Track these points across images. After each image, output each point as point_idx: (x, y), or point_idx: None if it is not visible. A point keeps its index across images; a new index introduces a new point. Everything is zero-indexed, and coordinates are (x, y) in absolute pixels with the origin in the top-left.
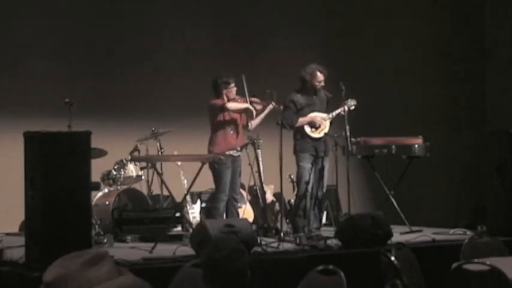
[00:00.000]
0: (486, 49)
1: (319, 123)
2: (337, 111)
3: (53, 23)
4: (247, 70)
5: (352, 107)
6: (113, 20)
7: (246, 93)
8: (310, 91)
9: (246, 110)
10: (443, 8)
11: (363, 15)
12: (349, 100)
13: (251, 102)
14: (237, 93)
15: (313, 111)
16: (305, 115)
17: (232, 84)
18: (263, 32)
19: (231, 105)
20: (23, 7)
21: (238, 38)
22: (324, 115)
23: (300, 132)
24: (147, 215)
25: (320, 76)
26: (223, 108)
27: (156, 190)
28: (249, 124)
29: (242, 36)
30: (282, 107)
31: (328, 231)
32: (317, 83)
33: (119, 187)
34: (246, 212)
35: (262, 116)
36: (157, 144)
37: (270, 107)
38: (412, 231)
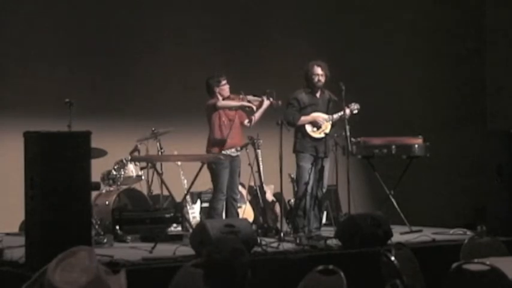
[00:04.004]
0: (486, 49)
1: (321, 123)
2: (339, 114)
3: (53, 23)
4: (248, 69)
5: (355, 111)
6: (113, 20)
7: (245, 99)
8: (314, 90)
9: (241, 107)
10: (444, 8)
11: (363, 15)
12: (353, 104)
13: (248, 101)
14: (231, 91)
15: (315, 111)
16: (307, 114)
17: (224, 82)
18: (263, 32)
19: (222, 103)
20: (23, 8)
21: (239, 37)
22: (326, 116)
23: (301, 131)
24: (147, 215)
25: (317, 69)
26: (215, 107)
27: (156, 190)
28: (252, 118)
29: (243, 35)
30: (279, 103)
31: (328, 231)
32: (314, 76)
33: (119, 187)
34: (246, 212)
35: (260, 111)
36: (157, 144)
37: (267, 102)
38: (412, 231)
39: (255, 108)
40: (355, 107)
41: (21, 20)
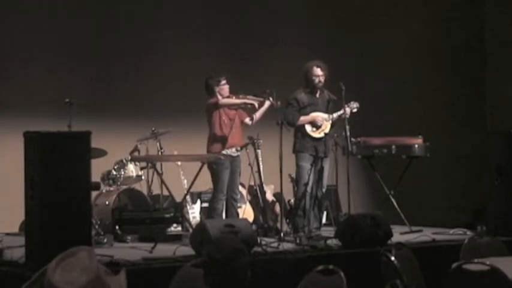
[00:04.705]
0: (486, 49)
1: (320, 123)
2: (339, 113)
3: (53, 23)
4: (248, 69)
5: (355, 110)
6: (113, 20)
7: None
8: (314, 90)
9: (243, 104)
10: (443, 8)
11: (363, 15)
12: (352, 102)
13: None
14: (231, 91)
15: (315, 111)
16: (307, 114)
17: (224, 81)
18: (263, 32)
19: (224, 101)
20: (24, 8)
21: (239, 37)
22: (326, 116)
23: (300, 131)
24: (147, 215)
25: (317, 70)
26: (217, 106)
27: (156, 190)
28: (253, 117)
29: (242, 35)
30: (279, 103)
31: (328, 231)
32: (315, 78)
33: (119, 187)
34: (246, 212)
35: (262, 110)
36: (157, 144)
37: (268, 102)
38: (412, 231)
39: (256, 105)
40: (354, 106)
41: (21, 20)
